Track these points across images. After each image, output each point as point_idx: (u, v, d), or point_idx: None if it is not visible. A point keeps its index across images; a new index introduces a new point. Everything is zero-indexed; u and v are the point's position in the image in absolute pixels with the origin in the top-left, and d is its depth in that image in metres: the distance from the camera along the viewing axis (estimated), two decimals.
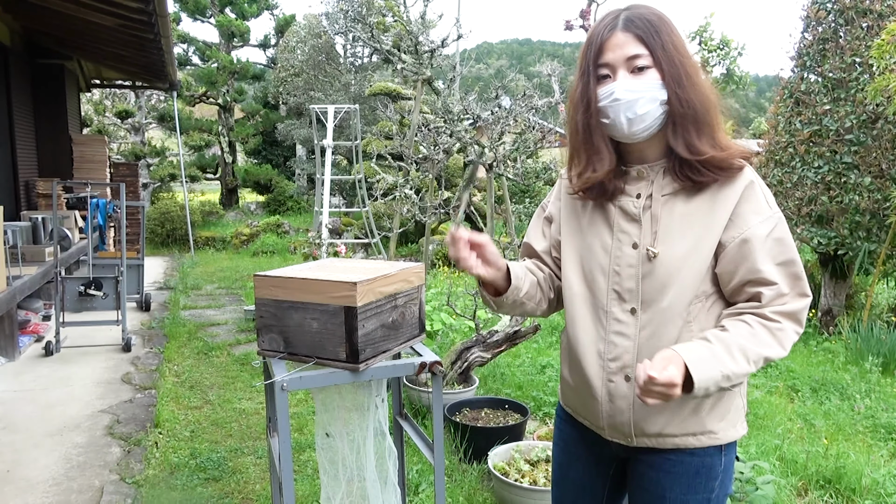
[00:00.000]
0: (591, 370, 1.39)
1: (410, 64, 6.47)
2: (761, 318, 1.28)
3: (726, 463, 1.39)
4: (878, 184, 5.44)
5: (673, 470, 1.37)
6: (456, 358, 3.83)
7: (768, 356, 1.26)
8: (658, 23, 1.29)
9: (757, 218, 1.28)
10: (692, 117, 1.29)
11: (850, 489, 3.05)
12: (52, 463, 3.24)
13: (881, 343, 5.08)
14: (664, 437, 1.36)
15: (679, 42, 1.30)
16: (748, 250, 1.27)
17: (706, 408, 1.35)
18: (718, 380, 1.22)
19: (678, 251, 1.31)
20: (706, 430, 1.35)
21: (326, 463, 1.87)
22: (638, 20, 1.29)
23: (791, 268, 1.29)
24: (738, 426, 1.39)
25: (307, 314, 1.72)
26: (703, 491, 1.37)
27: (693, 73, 1.29)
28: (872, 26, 5.59)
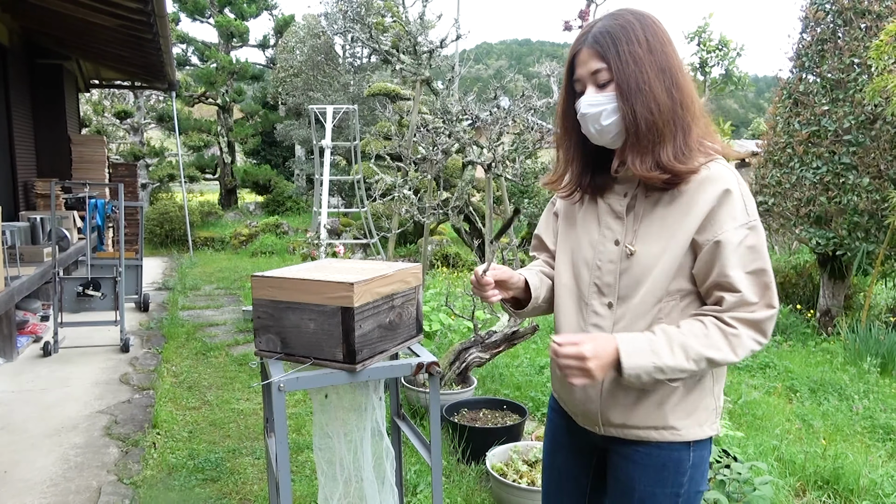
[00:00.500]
0: None
1: (409, 64, 6.47)
2: (719, 322, 1.30)
3: (696, 459, 1.41)
4: (876, 184, 5.44)
5: (641, 462, 1.41)
6: (454, 358, 3.83)
7: (712, 358, 1.28)
8: (620, 35, 1.32)
9: (732, 223, 1.30)
10: (636, 133, 1.32)
11: (848, 489, 3.05)
12: (49, 464, 3.23)
13: (879, 343, 5.08)
14: (628, 429, 1.41)
15: (638, 54, 1.31)
16: (718, 254, 1.30)
17: (670, 403, 1.38)
18: (650, 370, 1.27)
19: (653, 250, 1.35)
20: (668, 425, 1.38)
21: (324, 463, 1.87)
22: (600, 35, 1.34)
23: (761, 277, 1.30)
24: (706, 426, 1.41)
25: (304, 315, 1.72)
26: (671, 485, 1.40)
27: (647, 83, 1.31)
28: (871, 27, 5.59)
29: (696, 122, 1.35)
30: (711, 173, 1.33)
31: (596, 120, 1.35)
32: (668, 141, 1.32)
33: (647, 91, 1.31)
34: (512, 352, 4.71)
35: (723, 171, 1.33)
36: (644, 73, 1.31)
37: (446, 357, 3.89)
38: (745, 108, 51.06)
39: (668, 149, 1.32)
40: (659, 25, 1.36)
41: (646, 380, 1.28)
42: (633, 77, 1.31)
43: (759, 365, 5.12)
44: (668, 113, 1.32)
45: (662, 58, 1.32)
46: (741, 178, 1.35)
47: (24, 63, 7.61)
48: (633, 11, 1.36)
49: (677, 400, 1.38)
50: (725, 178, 1.32)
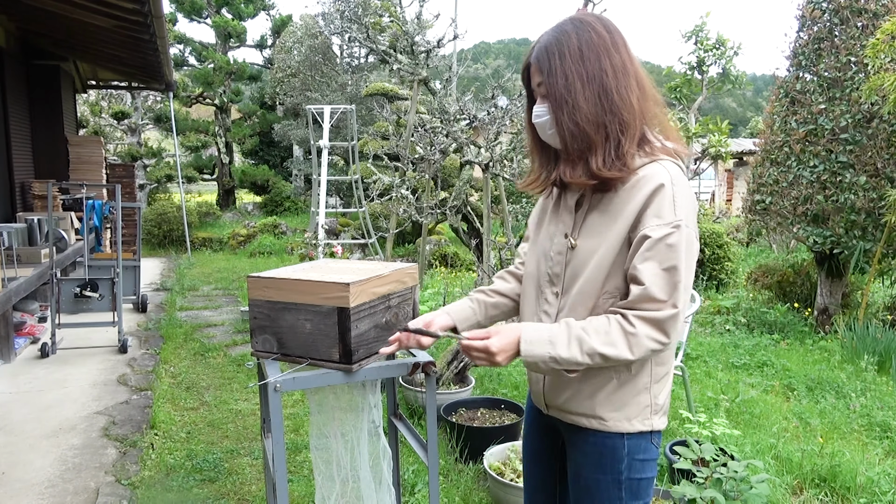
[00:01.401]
0: None
1: (407, 64, 6.47)
2: (623, 320, 1.33)
3: (631, 448, 1.44)
4: (873, 183, 5.45)
5: (583, 449, 1.48)
6: (452, 358, 3.84)
7: (606, 354, 1.31)
8: (554, 49, 1.39)
9: (656, 220, 1.33)
10: (569, 142, 1.39)
11: (845, 487, 3.06)
12: (47, 465, 3.23)
13: (877, 342, 5.09)
14: (564, 413, 1.49)
15: (567, 65, 1.37)
16: (637, 247, 1.34)
17: (600, 395, 1.43)
18: (546, 359, 1.34)
19: (590, 245, 1.42)
20: (595, 414, 1.44)
21: (321, 463, 1.87)
22: (540, 49, 1.42)
23: (673, 276, 1.31)
24: (636, 421, 1.43)
25: (300, 315, 1.72)
26: (611, 472, 1.45)
27: (577, 95, 1.36)
28: (867, 25, 5.60)
29: (633, 126, 1.37)
30: (648, 173, 1.36)
31: (543, 129, 1.45)
32: (598, 148, 1.37)
33: (572, 102, 1.36)
34: None
35: (658, 171, 1.36)
36: (571, 85, 1.36)
37: (444, 357, 3.89)
38: (743, 106, 51.12)
39: (598, 157, 1.37)
40: (598, 32, 1.38)
41: (543, 367, 1.36)
42: (560, 89, 1.37)
43: (757, 363, 5.13)
44: (594, 121, 1.36)
45: (594, 66, 1.36)
46: (680, 179, 1.37)
47: (21, 64, 7.60)
48: (575, 19, 1.41)
49: (608, 393, 1.43)
50: (659, 177, 1.35)
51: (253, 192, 18.14)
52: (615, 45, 1.39)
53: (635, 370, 1.42)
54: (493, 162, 5.18)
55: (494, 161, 5.19)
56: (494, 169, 5.23)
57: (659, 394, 1.46)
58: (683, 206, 1.34)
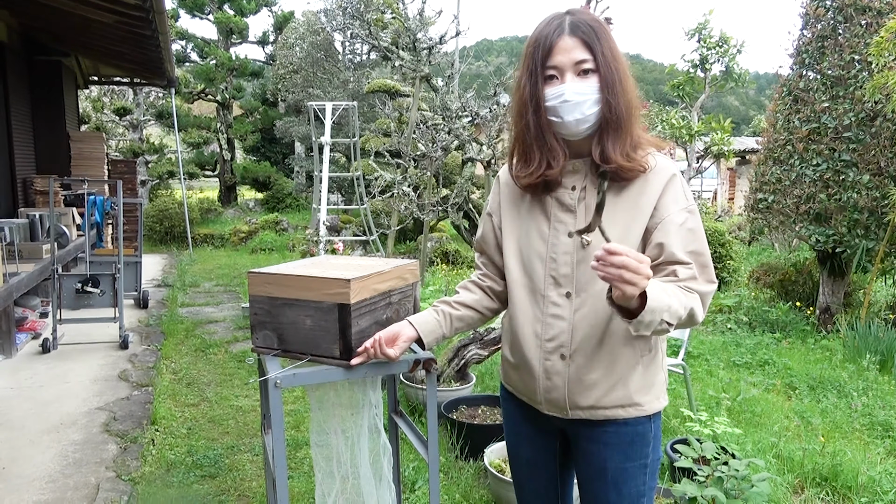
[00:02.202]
0: (530, 350, 1.50)
1: (409, 61, 6.46)
2: (681, 287, 1.35)
3: (655, 430, 1.51)
4: (876, 181, 5.43)
5: (610, 441, 1.48)
6: (453, 355, 3.83)
7: (693, 310, 1.33)
8: (599, 29, 1.38)
9: (675, 206, 1.39)
10: (615, 123, 1.39)
11: (846, 487, 3.05)
12: (48, 460, 3.23)
13: (879, 341, 5.08)
14: (596, 410, 1.46)
15: (615, 48, 1.39)
16: (665, 233, 1.37)
17: (633, 382, 1.45)
18: (664, 310, 1.23)
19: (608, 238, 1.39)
20: (633, 402, 1.45)
21: (321, 460, 1.87)
22: (583, 25, 1.38)
23: (699, 257, 1.38)
24: (661, 398, 1.51)
25: (301, 311, 1.71)
26: (639, 458, 1.49)
27: (624, 79, 1.39)
28: (871, 23, 5.58)
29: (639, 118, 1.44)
30: (658, 164, 1.42)
31: (578, 108, 1.36)
32: (630, 134, 1.40)
33: (624, 87, 1.38)
34: None
35: (666, 163, 1.44)
36: (622, 72, 1.38)
37: (445, 354, 3.89)
38: (746, 105, 51.03)
39: (629, 141, 1.40)
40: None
41: (655, 319, 1.23)
42: (615, 73, 1.37)
43: (759, 362, 5.12)
44: (633, 109, 1.40)
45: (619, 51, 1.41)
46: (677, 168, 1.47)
47: (23, 60, 7.60)
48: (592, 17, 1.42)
49: (639, 377, 1.45)
50: (669, 167, 1.43)
51: (254, 188, 18.13)
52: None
53: (654, 349, 1.47)
54: (494, 159, 5.17)
55: (496, 158, 5.18)
56: (496, 166, 5.22)
57: (665, 367, 1.54)
58: (689, 191, 1.45)
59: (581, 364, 1.43)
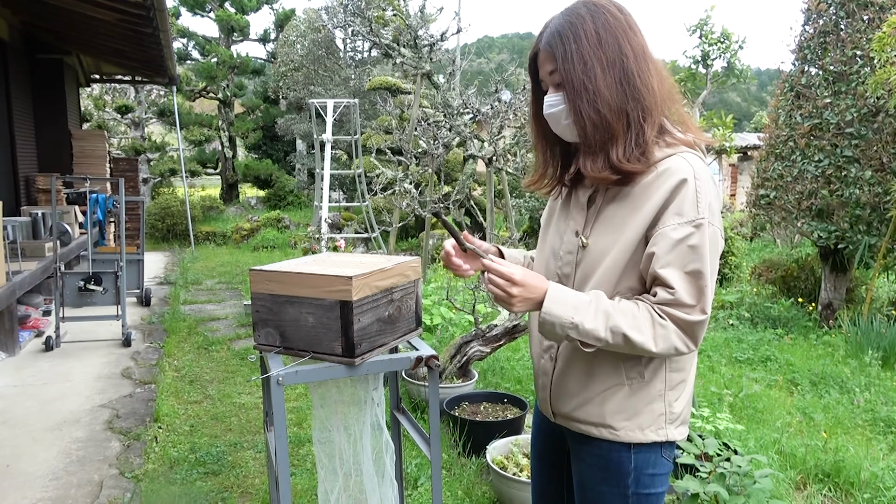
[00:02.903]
0: (533, 347, 1.52)
1: (410, 58, 6.45)
2: (653, 310, 1.26)
3: (638, 462, 1.37)
4: (878, 177, 5.42)
5: (588, 461, 1.43)
6: (455, 352, 3.83)
7: (630, 337, 1.23)
8: (568, 34, 1.30)
9: (677, 219, 1.25)
10: (590, 132, 1.30)
11: (848, 483, 3.05)
12: (51, 457, 3.24)
13: (881, 337, 5.07)
14: (571, 421, 1.42)
15: (584, 51, 1.28)
16: (657, 245, 1.25)
17: (611, 403, 1.36)
18: (566, 324, 1.24)
19: (602, 244, 1.34)
20: (605, 423, 1.36)
21: (324, 457, 1.87)
22: (551, 35, 1.32)
23: (698, 280, 1.24)
24: (649, 431, 1.36)
25: (303, 309, 1.72)
26: (617, 485, 1.39)
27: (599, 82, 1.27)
28: (873, 19, 5.56)
29: (655, 113, 1.30)
30: (669, 167, 1.28)
31: (557, 121, 1.35)
32: (620, 139, 1.29)
33: (593, 89, 1.28)
34: (513, 345, 4.71)
35: (680, 165, 1.27)
36: (590, 71, 1.28)
37: (447, 351, 3.89)
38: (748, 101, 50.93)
39: (619, 148, 1.29)
40: (613, 14, 1.31)
41: (559, 333, 1.26)
42: (577, 76, 1.28)
43: (761, 358, 5.12)
44: (616, 108, 1.28)
45: (613, 50, 1.28)
46: (703, 172, 1.28)
47: (25, 58, 7.60)
48: (587, 2, 1.33)
49: (619, 400, 1.35)
50: (681, 171, 1.27)
51: (256, 186, 18.14)
52: (632, 28, 1.31)
53: (648, 376, 1.34)
54: (496, 156, 5.17)
55: (498, 155, 5.18)
56: (498, 163, 5.22)
57: (674, 401, 1.37)
58: (706, 202, 1.25)
59: (562, 369, 1.41)
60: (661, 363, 1.35)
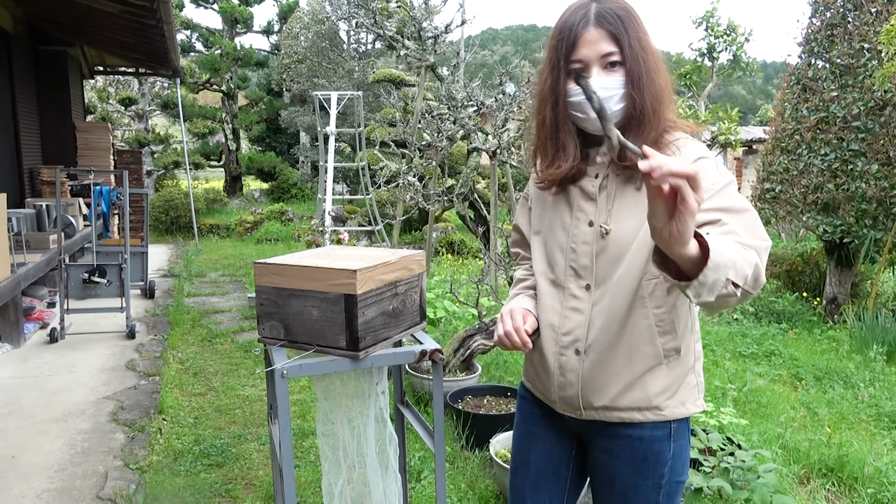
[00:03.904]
0: (546, 344, 1.44)
1: (414, 50, 6.43)
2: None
3: (676, 449, 1.40)
4: (885, 171, 5.39)
5: (623, 455, 1.40)
6: (458, 345, 3.83)
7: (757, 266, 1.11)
8: (627, 19, 1.31)
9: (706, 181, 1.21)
10: (637, 119, 1.31)
11: (852, 478, 3.05)
12: (56, 449, 3.26)
13: (886, 332, 5.06)
14: (610, 411, 1.39)
15: (644, 38, 1.32)
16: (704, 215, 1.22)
17: (654, 383, 1.36)
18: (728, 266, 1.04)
19: (628, 227, 1.33)
20: (651, 405, 1.36)
21: (328, 449, 1.88)
22: (609, 15, 1.30)
23: (740, 215, 1.20)
24: (689, 404, 1.40)
25: (307, 302, 1.72)
26: (652, 477, 1.39)
27: (652, 70, 1.31)
28: (881, 11, 5.52)
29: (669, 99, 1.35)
30: (683, 147, 1.33)
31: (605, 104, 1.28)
32: (654, 126, 1.32)
33: (653, 80, 1.31)
34: None
35: (694, 144, 1.34)
36: (651, 62, 1.31)
37: (451, 344, 3.89)
38: (753, 94, 50.69)
39: (652, 133, 1.32)
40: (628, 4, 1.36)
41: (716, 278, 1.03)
42: (642, 65, 1.30)
43: (765, 353, 5.11)
44: (658, 97, 1.32)
45: (656, 48, 1.34)
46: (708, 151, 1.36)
47: (29, 50, 7.60)
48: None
49: (661, 379, 1.36)
50: (696, 151, 1.32)
51: (260, 178, 18.14)
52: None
53: (683, 351, 1.37)
54: (500, 149, 5.15)
55: (502, 148, 5.17)
56: (502, 156, 5.20)
57: (700, 371, 1.43)
58: (725, 170, 1.29)
59: (595, 360, 1.37)
60: (691, 335, 1.39)
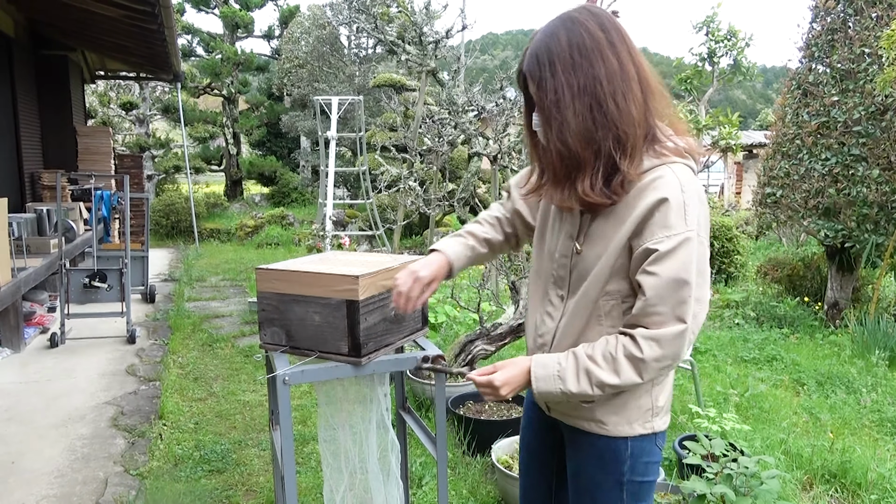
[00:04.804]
0: (529, 340, 1.54)
1: (415, 55, 6.44)
2: (629, 343, 1.28)
3: (634, 450, 1.41)
4: (886, 176, 5.38)
5: (584, 450, 1.46)
6: (460, 350, 3.82)
7: (614, 384, 1.29)
8: (544, 59, 1.28)
9: (664, 232, 1.24)
10: (556, 163, 1.31)
11: (855, 483, 3.03)
12: (56, 454, 3.25)
13: (888, 336, 5.04)
14: (566, 415, 1.47)
15: (557, 77, 1.26)
16: (642, 260, 1.27)
17: (600, 401, 1.40)
18: (557, 395, 1.34)
19: (594, 251, 1.36)
20: (595, 419, 1.41)
21: (329, 456, 1.87)
22: (531, 57, 1.31)
23: (679, 290, 1.24)
24: (636, 425, 1.40)
25: (309, 308, 1.71)
26: (613, 473, 1.43)
27: (567, 111, 1.26)
28: (882, 16, 5.52)
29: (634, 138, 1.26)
30: (656, 178, 1.27)
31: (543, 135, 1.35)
32: (588, 168, 1.28)
33: (560, 118, 1.26)
34: (518, 343, 4.69)
35: (667, 178, 1.27)
36: (561, 100, 1.26)
37: (452, 349, 3.88)
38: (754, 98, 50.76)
39: (586, 178, 1.28)
40: (591, 32, 1.27)
41: (557, 400, 1.38)
42: (549, 105, 1.28)
43: (766, 358, 5.10)
44: (584, 137, 1.26)
45: (586, 73, 1.25)
46: (691, 185, 1.27)
47: (30, 54, 7.61)
48: (567, 18, 1.29)
49: (609, 398, 1.39)
50: (668, 185, 1.26)
51: (260, 183, 18.15)
52: (611, 45, 1.26)
53: None
54: (501, 153, 5.15)
55: (502, 153, 5.17)
56: (502, 161, 5.20)
57: (659, 395, 1.42)
58: (694, 215, 1.25)
59: None
60: None
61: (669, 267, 1.23)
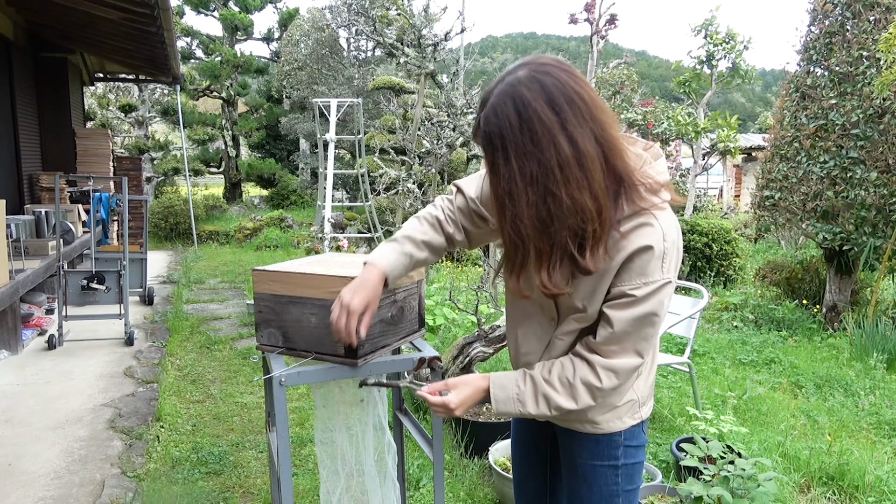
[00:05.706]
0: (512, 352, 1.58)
1: (414, 57, 6.44)
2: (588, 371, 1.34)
3: (627, 436, 1.49)
4: (884, 179, 5.39)
5: (579, 438, 1.50)
6: (458, 353, 3.82)
7: (570, 409, 1.36)
8: (497, 141, 1.20)
9: (641, 279, 1.27)
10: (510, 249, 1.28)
11: (853, 486, 3.03)
12: (53, 456, 3.24)
13: (886, 339, 5.05)
14: (557, 419, 1.51)
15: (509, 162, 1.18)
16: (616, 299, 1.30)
17: None
18: (515, 415, 1.40)
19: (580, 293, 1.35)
20: (587, 419, 1.46)
21: (326, 458, 1.87)
22: (484, 123, 1.22)
23: (645, 328, 1.30)
24: (626, 418, 1.47)
25: (306, 309, 1.71)
26: (608, 458, 1.49)
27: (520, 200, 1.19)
28: (880, 20, 5.53)
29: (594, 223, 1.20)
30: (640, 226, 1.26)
31: None
32: (544, 260, 1.24)
33: (514, 210, 1.20)
34: None
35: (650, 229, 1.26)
36: (514, 189, 1.19)
37: (450, 352, 3.88)
38: (752, 101, 50.86)
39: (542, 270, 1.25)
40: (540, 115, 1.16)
41: (504, 414, 1.43)
42: (503, 194, 1.21)
43: (764, 360, 5.10)
44: (538, 231, 1.21)
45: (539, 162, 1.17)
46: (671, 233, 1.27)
47: (29, 57, 7.61)
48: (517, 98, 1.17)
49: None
50: (651, 235, 1.25)
51: (259, 185, 18.17)
52: (563, 129, 1.16)
53: None
54: None
55: None
56: None
57: (642, 386, 1.48)
58: (671, 263, 1.28)
59: None
60: None
61: (640, 310, 1.29)
